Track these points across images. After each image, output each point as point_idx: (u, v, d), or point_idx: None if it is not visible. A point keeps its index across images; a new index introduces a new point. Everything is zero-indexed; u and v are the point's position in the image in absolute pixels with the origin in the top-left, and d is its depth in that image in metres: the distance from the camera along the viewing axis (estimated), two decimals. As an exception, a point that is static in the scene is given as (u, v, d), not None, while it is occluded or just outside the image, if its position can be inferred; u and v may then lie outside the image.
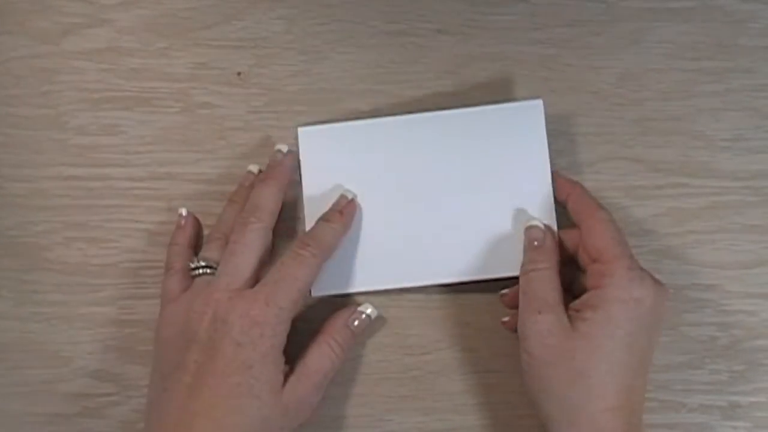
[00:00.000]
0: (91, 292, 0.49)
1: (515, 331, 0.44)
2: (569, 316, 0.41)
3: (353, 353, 0.48)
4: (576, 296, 0.43)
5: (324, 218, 0.45)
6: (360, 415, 0.48)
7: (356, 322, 0.45)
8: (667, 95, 0.49)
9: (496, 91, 0.49)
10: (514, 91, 0.49)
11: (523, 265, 0.44)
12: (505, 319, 0.46)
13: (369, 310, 0.46)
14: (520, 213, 0.45)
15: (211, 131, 0.50)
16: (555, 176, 0.46)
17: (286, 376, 0.42)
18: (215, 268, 0.44)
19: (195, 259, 0.45)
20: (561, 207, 0.46)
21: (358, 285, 0.46)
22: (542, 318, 0.41)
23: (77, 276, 0.49)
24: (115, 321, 0.49)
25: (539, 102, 0.45)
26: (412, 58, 0.50)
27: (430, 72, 0.49)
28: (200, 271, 0.45)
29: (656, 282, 0.41)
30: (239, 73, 0.50)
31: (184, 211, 0.48)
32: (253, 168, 0.48)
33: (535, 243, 0.44)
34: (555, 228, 0.45)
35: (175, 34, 0.50)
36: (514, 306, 0.45)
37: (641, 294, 0.40)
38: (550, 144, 0.46)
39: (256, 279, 0.43)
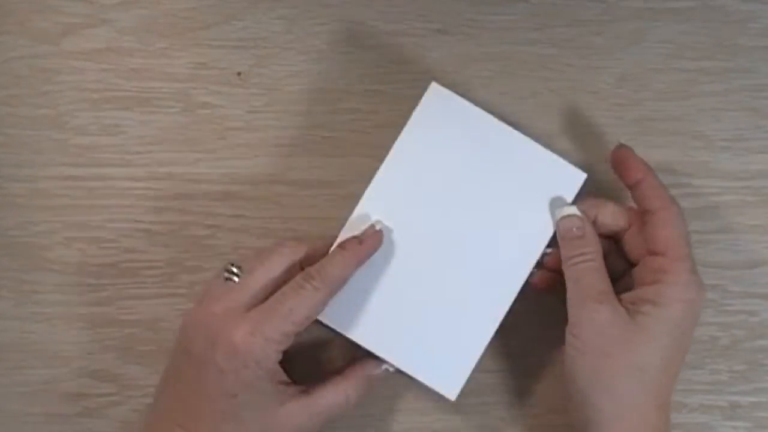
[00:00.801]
0: (91, 292, 0.49)
1: (543, 291, 0.44)
2: (630, 310, 0.41)
3: (352, 353, 0.48)
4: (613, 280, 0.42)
5: (341, 245, 0.43)
6: (360, 415, 0.48)
7: (377, 377, 0.44)
8: (667, 95, 0.49)
9: (496, 91, 0.49)
10: (515, 91, 0.49)
11: (567, 258, 0.42)
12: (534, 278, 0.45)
13: (391, 368, 0.44)
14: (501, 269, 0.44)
15: (211, 131, 0.50)
16: (627, 155, 0.44)
17: (287, 399, 0.41)
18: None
19: (231, 263, 0.43)
20: (621, 189, 0.45)
21: (361, 338, 0.44)
22: (603, 308, 0.40)
23: (77, 276, 0.49)
24: (115, 321, 0.49)
25: (583, 176, 0.44)
26: (412, 58, 0.50)
27: (430, 72, 0.49)
28: (226, 274, 0.43)
29: (703, 287, 0.41)
30: (239, 73, 0.50)
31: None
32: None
33: (575, 230, 0.42)
34: (514, 293, 0.44)
35: (175, 34, 0.50)
36: (545, 288, 0.45)
37: (698, 301, 0.41)
38: (550, 145, 0.46)
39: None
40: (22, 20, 0.50)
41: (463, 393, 0.47)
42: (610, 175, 0.49)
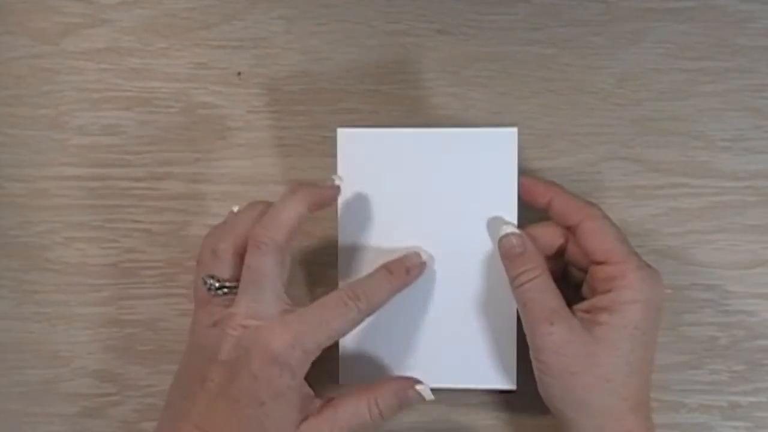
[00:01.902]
0: (91, 292, 0.49)
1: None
2: (579, 320, 0.40)
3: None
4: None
5: (388, 268, 0.42)
6: (360, 415, 0.48)
7: (409, 396, 0.41)
8: (667, 95, 0.49)
9: (496, 91, 0.49)
10: (515, 91, 0.49)
11: (512, 279, 0.42)
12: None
13: (427, 393, 0.42)
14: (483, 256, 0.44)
15: (211, 131, 0.50)
16: (530, 182, 0.44)
17: (311, 413, 0.40)
18: (232, 287, 0.42)
19: (207, 278, 0.42)
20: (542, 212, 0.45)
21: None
22: (556, 329, 0.40)
23: (77, 276, 0.49)
24: (115, 321, 0.49)
25: (514, 130, 0.44)
26: (412, 58, 0.50)
27: (430, 72, 0.49)
28: (219, 291, 0.42)
29: (657, 273, 0.41)
30: (239, 73, 0.50)
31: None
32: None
33: (517, 250, 0.42)
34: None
35: (175, 34, 0.50)
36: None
37: (654, 293, 0.40)
38: (550, 144, 0.46)
39: (281, 301, 0.41)
40: (22, 20, 0.50)
41: (463, 393, 0.47)
42: (610, 175, 0.49)
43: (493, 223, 0.44)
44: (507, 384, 0.45)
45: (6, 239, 0.49)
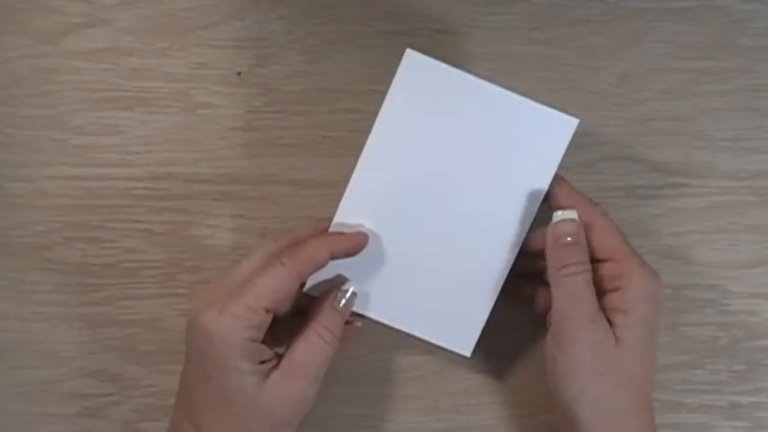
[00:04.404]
0: (91, 292, 0.49)
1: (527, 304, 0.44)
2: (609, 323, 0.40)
3: (353, 353, 0.48)
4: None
5: (331, 234, 0.43)
6: (360, 415, 0.48)
7: (342, 302, 0.42)
8: (667, 95, 0.49)
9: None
10: (515, 91, 0.49)
11: (558, 267, 0.41)
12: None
13: (352, 288, 0.43)
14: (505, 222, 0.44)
15: (211, 131, 0.50)
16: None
17: (270, 370, 0.40)
18: None
19: None
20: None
21: (369, 310, 0.44)
22: (597, 327, 0.40)
23: (77, 276, 0.49)
24: (115, 321, 0.49)
25: (575, 121, 0.43)
26: (412, 58, 0.50)
27: (430, 72, 0.49)
28: None
29: (655, 270, 0.41)
30: (239, 73, 0.50)
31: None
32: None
33: (569, 239, 0.40)
34: (518, 245, 0.44)
35: (175, 34, 0.50)
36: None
37: (656, 288, 0.41)
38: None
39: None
40: (22, 20, 0.50)
41: (463, 393, 0.47)
42: (610, 175, 0.49)
43: (517, 199, 0.43)
44: (462, 348, 0.44)
45: (6, 239, 0.49)
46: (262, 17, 0.50)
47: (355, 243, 0.43)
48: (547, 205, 0.43)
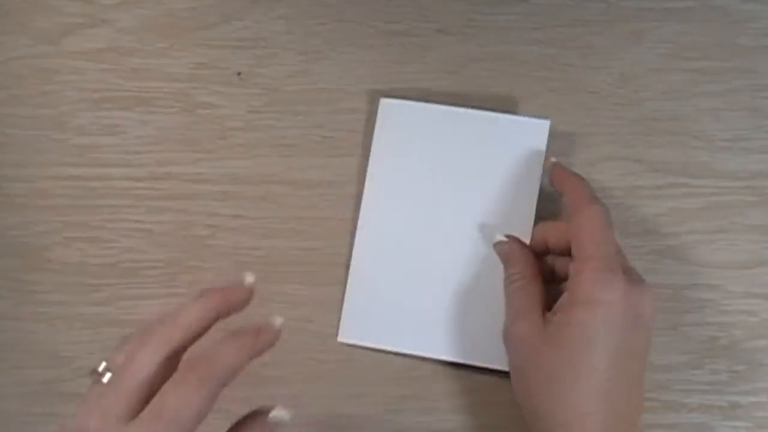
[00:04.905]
0: (91, 292, 0.49)
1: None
2: (545, 320, 0.41)
3: (353, 354, 0.47)
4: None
5: (234, 332, 0.35)
6: (360, 415, 0.48)
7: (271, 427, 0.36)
8: (667, 95, 0.49)
9: (496, 91, 0.49)
10: (515, 91, 0.49)
11: (504, 279, 0.44)
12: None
13: (282, 414, 0.36)
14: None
15: (211, 131, 0.50)
16: (557, 167, 0.44)
17: None
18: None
19: (104, 361, 0.35)
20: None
21: (402, 345, 0.46)
22: (517, 325, 0.41)
23: (77, 276, 0.49)
24: (115, 321, 0.49)
25: (547, 123, 0.46)
26: (412, 58, 0.50)
27: (430, 72, 0.49)
28: (94, 375, 0.35)
29: (632, 282, 0.39)
30: (239, 73, 0.50)
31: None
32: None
33: (504, 256, 0.44)
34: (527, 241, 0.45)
35: (175, 34, 0.50)
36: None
37: (609, 297, 0.39)
38: (550, 144, 0.46)
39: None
40: (22, 20, 0.50)
41: (463, 393, 0.47)
42: (610, 175, 0.49)
43: (513, 207, 0.46)
44: (500, 363, 0.45)
45: (6, 239, 0.49)
46: (262, 17, 0.50)
47: (272, 339, 0.36)
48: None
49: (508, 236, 0.45)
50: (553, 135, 0.48)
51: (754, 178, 0.48)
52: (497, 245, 0.45)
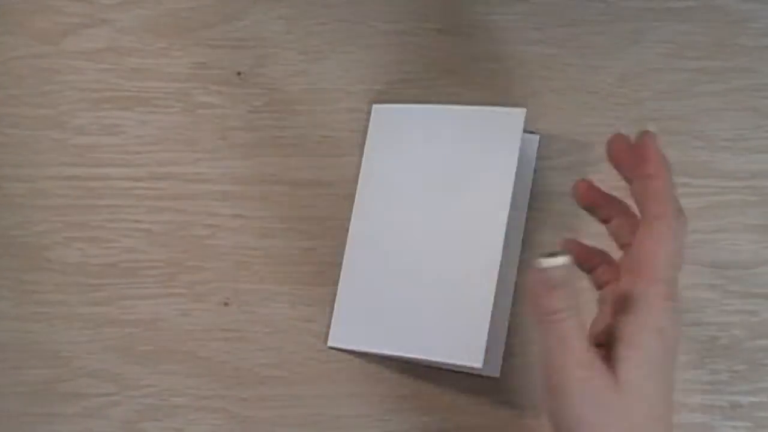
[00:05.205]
0: (91, 292, 0.49)
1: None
2: (599, 355, 0.34)
3: (352, 353, 0.47)
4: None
5: None
6: (360, 415, 0.48)
7: None
8: (667, 95, 0.49)
9: (496, 91, 0.49)
10: (515, 91, 0.49)
11: (539, 313, 0.34)
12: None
13: None
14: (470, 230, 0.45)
15: (211, 131, 0.50)
16: (648, 137, 0.38)
17: None
18: None
19: None
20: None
21: (374, 345, 0.46)
22: (589, 375, 0.34)
23: (77, 276, 0.49)
24: (115, 321, 0.49)
25: (523, 111, 0.45)
26: (412, 58, 0.50)
27: (430, 72, 0.49)
28: None
29: (680, 312, 0.36)
30: (239, 73, 0.50)
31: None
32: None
33: (553, 283, 0.34)
34: (500, 244, 0.44)
35: (175, 34, 0.50)
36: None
37: (671, 327, 0.35)
38: (550, 144, 0.46)
39: None
40: (22, 20, 0.50)
41: (463, 393, 0.47)
42: (610, 175, 0.49)
43: (489, 200, 0.45)
44: (474, 361, 0.44)
45: (6, 239, 0.49)
46: (262, 17, 0.50)
47: None
48: (631, 193, 0.38)
49: (558, 256, 0.34)
50: (552, 135, 0.49)
51: (755, 177, 0.48)
52: (549, 270, 0.34)
